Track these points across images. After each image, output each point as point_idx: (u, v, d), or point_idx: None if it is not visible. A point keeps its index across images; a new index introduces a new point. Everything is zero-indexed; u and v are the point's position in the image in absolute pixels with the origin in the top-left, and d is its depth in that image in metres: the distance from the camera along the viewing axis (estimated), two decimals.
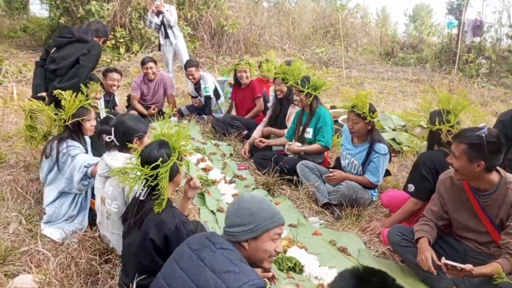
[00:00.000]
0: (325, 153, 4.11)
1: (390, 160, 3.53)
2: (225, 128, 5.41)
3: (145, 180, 2.16)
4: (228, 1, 12.25)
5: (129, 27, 11.02)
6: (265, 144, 4.42)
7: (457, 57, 10.95)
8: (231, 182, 4.02)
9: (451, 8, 11.61)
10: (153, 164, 2.10)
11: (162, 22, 7.37)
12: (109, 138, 2.65)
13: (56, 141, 3.06)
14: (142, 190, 2.20)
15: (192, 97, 6.49)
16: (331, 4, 17.25)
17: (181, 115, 6.42)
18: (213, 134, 5.59)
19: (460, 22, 11.27)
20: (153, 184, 2.14)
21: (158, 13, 7.25)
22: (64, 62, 3.81)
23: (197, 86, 6.19)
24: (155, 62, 6.13)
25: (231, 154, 4.89)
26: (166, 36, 7.50)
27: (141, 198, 2.20)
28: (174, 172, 2.21)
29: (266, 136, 4.80)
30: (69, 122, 3.04)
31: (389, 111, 6.37)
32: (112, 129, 2.66)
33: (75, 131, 3.11)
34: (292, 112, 4.48)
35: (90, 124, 3.19)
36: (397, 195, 3.23)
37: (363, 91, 3.42)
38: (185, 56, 7.73)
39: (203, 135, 5.59)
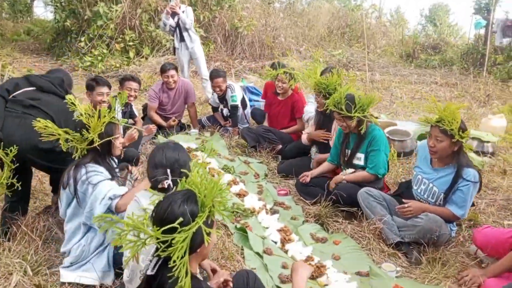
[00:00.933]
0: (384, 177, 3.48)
1: (479, 190, 2.89)
2: (257, 140, 4.80)
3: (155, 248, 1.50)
4: (241, 2, 11.64)
5: (139, 30, 10.43)
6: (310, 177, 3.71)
7: (486, 59, 10.30)
8: (273, 212, 3.40)
9: (478, 8, 10.94)
10: (168, 226, 1.44)
11: (177, 24, 6.82)
12: (166, 182, 2.07)
13: (73, 168, 2.43)
14: (150, 260, 1.55)
15: (213, 107, 5.86)
16: (345, 5, 16.67)
17: (202, 126, 5.81)
18: (241, 149, 4.97)
19: (488, 22, 10.64)
20: (163, 255, 1.47)
21: (173, 14, 6.70)
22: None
23: (222, 95, 5.57)
24: (176, 69, 5.52)
25: (266, 175, 4.26)
26: (182, 39, 6.94)
27: (149, 272, 1.54)
28: (197, 241, 1.52)
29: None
30: (98, 142, 2.40)
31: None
32: (168, 170, 2.12)
33: (103, 153, 2.51)
34: (337, 127, 3.86)
35: (119, 142, 2.61)
36: (495, 233, 2.61)
37: (453, 104, 2.78)
38: (202, 61, 7.15)
39: (230, 150, 4.97)
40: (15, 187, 2.64)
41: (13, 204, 2.96)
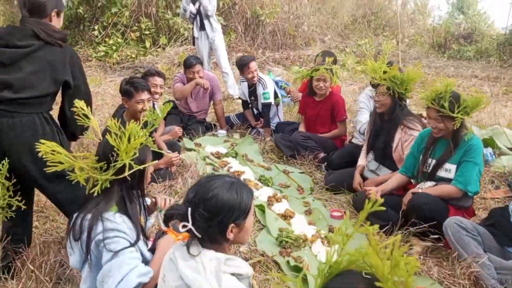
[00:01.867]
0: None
1: None
2: (295, 149, 4.19)
3: None
4: None
5: (155, 18, 9.82)
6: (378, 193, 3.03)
7: None
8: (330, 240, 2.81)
9: None
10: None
11: (198, 11, 6.24)
12: (184, 226, 1.44)
13: (90, 215, 1.70)
14: None
15: (244, 103, 5.24)
16: None
17: (230, 126, 5.21)
18: (278, 156, 4.37)
19: None
20: None
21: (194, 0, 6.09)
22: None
23: (251, 89, 4.97)
24: (202, 63, 4.92)
25: (311, 189, 3.66)
26: (202, 28, 6.38)
27: None
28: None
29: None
30: (128, 172, 1.69)
31: (496, 123, 5.01)
32: (188, 209, 1.44)
33: (132, 187, 1.80)
34: (407, 138, 3.22)
35: (150, 171, 1.99)
36: None
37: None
38: (223, 53, 6.55)
39: (264, 155, 4.38)
40: (16, 208, 2.07)
41: (15, 232, 2.41)
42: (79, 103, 1.78)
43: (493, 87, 7.60)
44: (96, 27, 9.69)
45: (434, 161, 2.82)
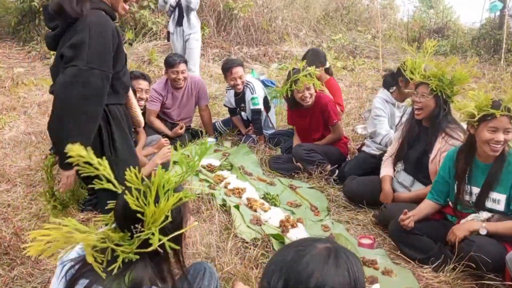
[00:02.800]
0: None
1: None
2: (294, 168, 3.75)
3: None
4: None
5: None
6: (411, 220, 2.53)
7: (503, 45, 9.49)
8: (371, 280, 2.33)
9: None
10: None
11: (178, 4, 5.64)
12: None
13: None
14: None
15: (230, 109, 4.70)
16: None
17: (219, 134, 4.66)
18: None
19: (505, 5, 9.82)
20: None
21: None
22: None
23: (239, 96, 4.42)
24: (186, 62, 4.34)
25: (328, 210, 3.19)
26: (179, 23, 5.78)
27: None
28: None
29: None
30: (157, 244, 1.12)
31: None
32: None
33: (165, 260, 1.24)
34: (447, 148, 2.79)
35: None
36: None
37: None
38: (196, 54, 5.95)
39: (263, 168, 3.87)
40: None
41: None
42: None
43: (476, 84, 7.42)
44: None
45: (476, 189, 2.40)
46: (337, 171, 3.63)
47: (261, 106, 4.30)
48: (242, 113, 4.60)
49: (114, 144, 2.26)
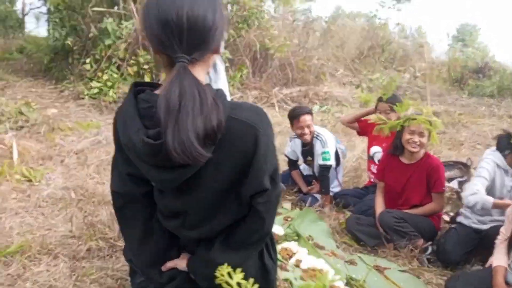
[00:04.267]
0: None
1: None
2: (378, 237, 3.18)
3: None
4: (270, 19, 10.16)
5: None
6: None
7: None
8: None
9: None
10: None
11: None
12: None
13: None
14: None
15: (290, 161, 4.21)
16: (369, 22, 15.28)
17: None
18: (354, 237, 3.32)
19: None
20: None
21: None
22: None
23: (306, 147, 3.95)
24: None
25: None
26: None
27: None
28: None
29: None
30: None
31: None
32: None
33: None
34: None
35: None
36: None
37: None
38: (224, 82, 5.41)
39: (335, 238, 3.32)
40: None
41: None
42: None
43: None
44: (87, 61, 8.62)
45: None
46: (430, 248, 3.06)
47: (332, 162, 3.81)
48: (302, 166, 4.12)
49: None
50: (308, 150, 3.94)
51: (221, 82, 5.24)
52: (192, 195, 1.28)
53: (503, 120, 7.76)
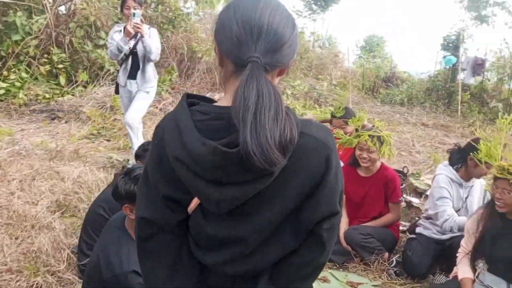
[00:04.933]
0: None
1: None
2: (345, 253, 3.17)
3: None
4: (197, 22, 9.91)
5: (71, 49, 8.07)
6: None
7: (459, 97, 9.92)
8: None
9: (446, 44, 10.64)
10: None
11: (133, 52, 4.40)
12: None
13: None
14: None
15: None
16: None
17: None
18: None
19: (458, 59, 10.35)
20: None
21: (134, 36, 4.29)
22: None
23: None
24: None
25: None
26: (131, 75, 4.49)
27: None
28: None
29: None
30: None
31: None
32: None
33: None
34: None
35: None
36: None
37: None
38: (144, 105, 4.69)
39: None
40: None
41: None
42: None
43: (445, 137, 7.50)
44: None
45: None
46: (395, 261, 3.12)
47: None
48: None
49: None
50: None
51: (150, 89, 4.70)
52: (248, 220, 1.11)
53: (417, 127, 8.40)
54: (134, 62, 4.46)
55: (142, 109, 4.71)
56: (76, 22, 8.01)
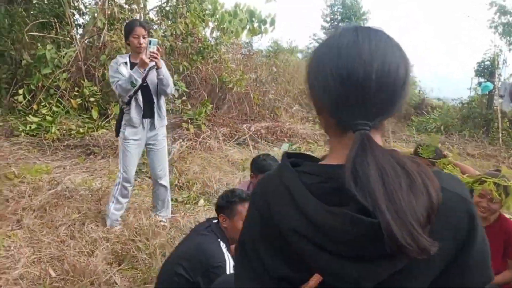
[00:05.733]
0: None
1: None
2: None
3: None
4: (226, 51, 9.73)
5: (101, 81, 7.89)
6: None
7: (499, 125, 9.51)
8: None
9: (480, 70, 10.33)
10: None
11: (141, 85, 3.74)
12: None
13: None
14: None
15: None
16: (306, 57, 15.50)
17: None
18: None
19: (494, 86, 10.00)
20: None
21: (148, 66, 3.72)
22: None
23: None
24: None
25: None
26: (146, 114, 3.84)
27: None
28: None
29: None
30: None
31: None
32: None
33: None
34: None
35: None
36: None
37: None
38: (165, 156, 4.12)
39: None
40: None
41: None
42: None
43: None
44: (20, 92, 7.42)
45: None
46: None
47: None
48: None
49: None
50: None
51: (162, 132, 3.90)
52: None
53: (463, 157, 7.99)
54: (145, 97, 3.81)
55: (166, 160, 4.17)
56: (108, 55, 7.83)
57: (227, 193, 2.44)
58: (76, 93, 7.67)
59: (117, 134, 4.01)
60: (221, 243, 2.28)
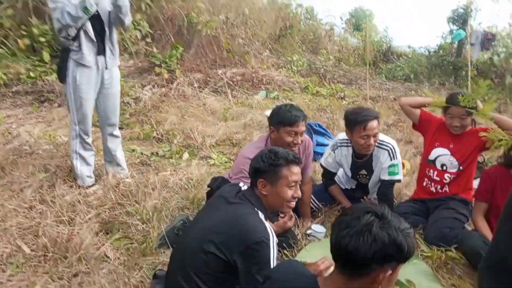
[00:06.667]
0: None
1: None
2: None
3: None
4: None
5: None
6: None
7: (469, 73, 9.48)
8: None
9: (453, 17, 10.13)
10: None
11: (95, 16, 3.06)
12: None
13: None
14: None
15: (329, 172, 3.24)
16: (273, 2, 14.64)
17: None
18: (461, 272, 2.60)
19: (466, 33, 9.87)
20: None
21: None
22: None
23: (362, 159, 3.06)
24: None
25: None
26: (100, 51, 3.18)
27: None
28: None
29: None
30: None
31: None
32: None
33: None
34: None
35: None
36: None
37: None
38: (118, 100, 3.50)
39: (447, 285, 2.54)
40: None
41: None
42: None
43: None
44: None
45: None
46: None
47: (401, 177, 3.01)
48: (336, 178, 3.27)
49: None
50: (364, 162, 3.06)
51: (116, 71, 3.25)
52: None
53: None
54: (96, 30, 3.11)
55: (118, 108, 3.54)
56: None
57: (268, 154, 1.96)
58: (24, 33, 6.66)
59: (63, 80, 3.25)
60: (259, 213, 1.84)
